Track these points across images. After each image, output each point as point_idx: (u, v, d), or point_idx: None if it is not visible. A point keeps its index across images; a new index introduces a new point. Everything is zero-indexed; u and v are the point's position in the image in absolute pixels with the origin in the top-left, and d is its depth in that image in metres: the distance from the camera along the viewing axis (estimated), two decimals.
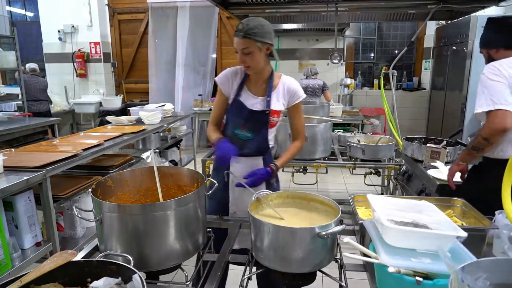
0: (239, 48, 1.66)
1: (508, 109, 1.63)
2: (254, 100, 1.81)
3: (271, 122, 1.82)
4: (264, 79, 1.82)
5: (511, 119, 1.62)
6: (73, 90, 6.99)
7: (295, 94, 1.84)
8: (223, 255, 1.40)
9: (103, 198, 1.37)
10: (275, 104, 1.81)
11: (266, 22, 1.68)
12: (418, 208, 1.19)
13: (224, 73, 1.86)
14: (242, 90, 1.83)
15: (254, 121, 1.81)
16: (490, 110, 1.65)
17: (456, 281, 0.77)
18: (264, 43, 1.66)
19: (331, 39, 6.45)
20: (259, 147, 1.87)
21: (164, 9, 6.66)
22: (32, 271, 0.95)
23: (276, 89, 1.83)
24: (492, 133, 1.67)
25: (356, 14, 3.82)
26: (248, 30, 1.62)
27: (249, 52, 1.65)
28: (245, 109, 1.79)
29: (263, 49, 1.69)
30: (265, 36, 1.66)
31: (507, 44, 1.82)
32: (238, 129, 1.83)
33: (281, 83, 1.84)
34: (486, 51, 1.93)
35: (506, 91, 1.65)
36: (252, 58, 1.67)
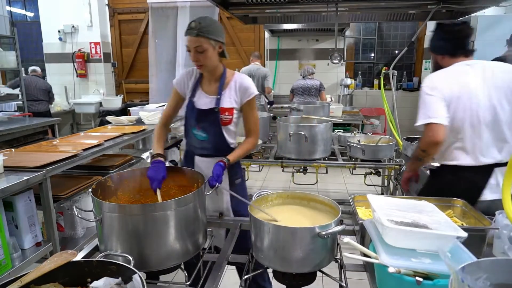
0: (192, 46, 1.67)
1: (440, 123, 1.67)
2: (206, 99, 1.82)
3: (223, 120, 1.80)
4: (217, 77, 1.83)
5: (442, 132, 1.67)
6: (73, 90, 6.99)
7: (247, 90, 1.83)
8: (223, 255, 1.40)
9: (103, 198, 1.37)
10: (226, 101, 1.81)
11: (218, 21, 1.73)
12: (418, 208, 1.19)
13: (181, 75, 1.90)
14: (196, 90, 1.85)
15: (205, 121, 1.81)
16: (425, 123, 1.70)
17: (456, 281, 0.77)
18: (216, 41, 1.69)
19: (331, 39, 6.45)
20: (217, 147, 1.85)
21: (164, 9, 6.66)
22: (32, 271, 0.95)
23: (228, 87, 1.83)
24: (427, 146, 1.72)
25: (356, 14, 3.82)
26: (202, 28, 1.63)
27: (202, 50, 1.67)
28: (195, 109, 1.81)
29: (216, 48, 1.71)
30: (218, 35, 1.69)
31: (452, 52, 1.82)
32: (195, 129, 1.85)
33: (233, 80, 1.84)
34: (434, 56, 1.93)
35: (440, 105, 1.69)
36: (205, 57, 1.69)
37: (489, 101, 1.69)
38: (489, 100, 1.69)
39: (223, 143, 1.86)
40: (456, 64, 1.79)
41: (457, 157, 1.75)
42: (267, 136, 3.57)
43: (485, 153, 1.70)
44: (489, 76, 1.71)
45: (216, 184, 1.58)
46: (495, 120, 1.70)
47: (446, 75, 1.77)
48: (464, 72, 1.75)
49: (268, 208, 1.42)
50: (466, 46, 1.81)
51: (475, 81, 1.71)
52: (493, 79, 1.71)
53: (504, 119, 1.70)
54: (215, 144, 1.85)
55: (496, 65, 1.78)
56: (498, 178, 1.70)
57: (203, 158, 1.89)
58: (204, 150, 1.88)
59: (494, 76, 1.72)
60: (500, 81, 1.70)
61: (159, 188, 1.48)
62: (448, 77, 1.75)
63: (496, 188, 1.69)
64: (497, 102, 1.69)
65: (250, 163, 3.19)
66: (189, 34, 1.65)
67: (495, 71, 1.73)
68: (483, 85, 1.70)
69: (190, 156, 1.94)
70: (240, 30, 6.71)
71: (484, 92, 1.70)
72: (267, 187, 4.94)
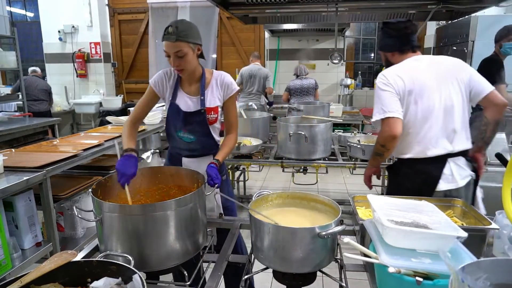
0: (171, 51, 1.64)
1: (396, 116, 1.73)
2: (189, 101, 1.82)
3: (210, 120, 1.82)
4: (197, 78, 1.83)
5: (399, 126, 1.72)
6: (73, 90, 6.99)
7: (229, 86, 1.85)
8: (223, 255, 1.40)
9: (103, 198, 1.37)
10: (210, 101, 1.82)
11: (194, 24, 1.70)
12: (418, 209, 1.19)
13: (159, 75, 1.85)
14: (177, 92, 1.83)
15: (193, 123, 1.81)
16: (382, 118, 1.76)
17: (456, 281, 0.77)
18: (195, 44, 1.69)
19: (331, 39, 6.45)
20: (204, 146, 1.88)
21: (164, 9, 6.66)
22: (32, 271, 0.95)
23: (210, 86, 1.84)
24: (385, 140, 1.78)
25: (356, 14, 3.82)
26: (180, 33, 1.61)
27: (182, 55, 1.65)
28: (181, 113, 1.80)
29: (195, 50, 1.71)
30: (196, 37, 1.68)
31: (400, 49, 1.90)
32: (181, 132, 1.84)
33: (214, 78, 1.85)
34: (383, 54, 2.00)
35: (395, 100, 1.75)
36: (186, 61, 1.68)
37: (439, 93, 1.75)
38: (438, 92, 1.75)
39: (211, 141, 1.88)
40: (406, 60, 1.86)
41: (410, 150, 1.80)
42: (267, 136, 3.57)
43: (436, 144, 1.75)
44: (437, 69, 1.78)
45: (217, 183, 1.58)
46: (445, 111, 1.75)
47: (398, 70, 1.81)
48: (414, 67, 1.81)
49: (268, 208, 1.42)
50: (412, 42, 1.89)
51: (424, 74, 1.77)
52: (441, 72, 1.78)
53: (453, 110, 1.75)
54: (203, 144, 1.87)
55: (442, 59, 1.85)
56: (452, 168, 1.74)
57: (191, 158, 1.89)
58: (192, 151, 1.88)
59: (442, 69, 1.78)
60: (447, 74, 1.77)
61: (128, 184, 1.43)
62: (400, 72, 1.79)
63: (451, 178, 1.74)
64: (446, 94, 1.75)
65: (250, 163, 3.19)
66: (168, 39, 1.62)
67: (442, 64, 1.81)
68: (432, 78, 1.76)
69: (175, 158, 1.93)
70: (240, 30, 6.71)
71: (433, 85, 1.75)
72: (267, 187, 4.94)
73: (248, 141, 3.21)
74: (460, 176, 1.75)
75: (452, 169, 1.74)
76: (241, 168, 3.87)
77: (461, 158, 1.78)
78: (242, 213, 3.54)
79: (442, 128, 1.75)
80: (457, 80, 1.76)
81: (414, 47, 1.89)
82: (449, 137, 1.76)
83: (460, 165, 1.77)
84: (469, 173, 1.78)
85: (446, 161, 1.75)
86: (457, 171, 1.75)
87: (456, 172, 1.74)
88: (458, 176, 1.74)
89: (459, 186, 1.75)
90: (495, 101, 1.75)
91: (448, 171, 1.74)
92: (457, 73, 1.77)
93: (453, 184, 1.74)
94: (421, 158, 1.76)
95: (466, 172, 1.78)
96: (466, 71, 1.79)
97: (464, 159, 1.78)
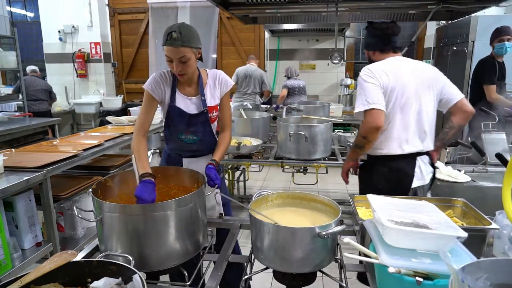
0: (175, 57, 1.62)
1: (380, 108, 1.79)
2: (189, 102, 1.81)
3: (211, 119, 1.84)
4: (194, 79, 1.82)
5: (382, 118, 1.80)
6: (73, 90, 6.99)
7: (226, 82, 1.87)
8: (224, 255, 1.40)
9: (103, 198, 1.37)
10: (210, 100, 1.83)
11: (193, 27, 1.69)
12: (419, 209, 1.19)
13: (154, 79, 1.78)
14: (175, 94, 1.80)
15: (196, 124, 1.81)
16: (366, 109, 1.81)
17: (457, 282, 0.77)
18: (197, 48, 1.69)
19: (331, 39, 6.45)
20: (207, 145, 1.89)
21: (165, 9, 6.66)
22: (33, 271, 0.95)
23: (207, 85, 1.84)
24: (368, 131, 1.82)
25: (356, 14, 3.82)
26: (184, 38, 1.59)
27: (186, 60, 1.64)
28: (185, 114, 1.78)
29: (196, 54, 1.71)
30: (197, 42, 1.68)
31: (381, 48, 1.98)
32: (183, 134, 1.83)
33: (210, 77, 1.86)
34: (367, 53, 2.09)
35: (379, 92, 1.82)
36: (188, 65, 1.67)
37: (417, 97, 1.85)
38: (417, 95, 1.85)
39: (213, 140, 1.89)
40: (388, 59, 1.94)
41: (386, 146, 1.87)
42: (267, 136, 3.57)
43: (409, 142, 1.85)
44: (418, 75, 1.87)
45: (217, 183, 1.58)
46: (419, 113, 1.85)
47: (384, 66, 1.89)
48: (397, 66, 1.90)
49: (268, 208, 1.42)
50: (393, 43, 1.98)
51: (408, 77, 1.86)
52: (422, 78, 1.87)
53: (426, 114, 1.87)
54: (206, 144, 1.87)
55: (423, 66, 1.95)
56: (420, 166, 1.86)
57: (192, 158, 1.88)
58: (193, 151, 1.88)
59: (423, 76, 1.88)
60: (427, 81, 1.87)
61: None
62: (385, 68, 1.88)
63: (421, 175, 1.86)
64: (423, 99, 1.86)
65: (250, 163, 3.19)
66: (172, 45, 1.59)
67: (424, 71, 1.91)
68: (414, 81, 1.86)
69: (174, 158, 1.92)
70: (240, 30, 6.71)
71: (414, 88, 1.85)
72: (267, 187, 4.94)
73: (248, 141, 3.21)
74: (426, 173, 1.88)
75: (421, 166, 1.86)
76: (241, 168, 3.87)
77: (426, 157, 1.91)
78: (242, 213, 3.54)
79: (416, 128, 1.85)
80: (433, 88, 1.88)
81: (394, 47, 1.98)
82: (421, 137, 1.87)
83: (425, 162, 1.89)
84: (431, 170, 1.91)
85: (416, 159, 1.86)
86: (424, 168, 1.88)
87: (423, 169, 1.87)
88: (425, 172, 1.87)
89: (426, 182, 1.87)
90: (464, 108, 1.87)
91: (418, 169, 1.85)
92: (434, 82, 1.88)
93: (422, 181, 1.86)
94: (396, 155, 1.84)
95: (430, 169, 1.91)
96: (440, 80, 1.91)
97: (428, 157, 1.91)
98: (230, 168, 3.82)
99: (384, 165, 1.89)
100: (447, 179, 2.13)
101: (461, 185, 2.09)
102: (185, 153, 1.89)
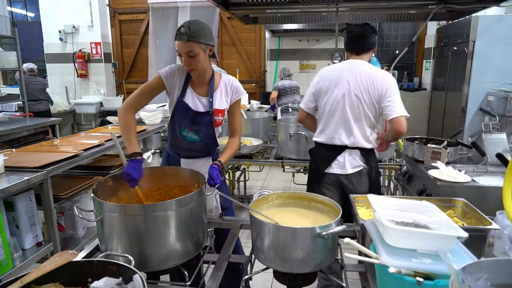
0: (183, 51, 1.65)
1: (302, 107, 2.26)
2: (198, 101, 1.82)
3: (216, 122, 1.84)
4: (207, 80, 1.83)
5: (303, 115, 2.27)
6: (74, 90, 7.00)
7: (238, 90, 1.89)
8: (224, 255, 1.40)
9: (104, 198, 1.37)
10: (218, 103, 1.83)
11: (206, 24, 1.71)
12: (419, 209, 1.19)
13: (171, 68, 1.82)
14: (186, 90, 1.82)
15: (199, 123, 1.81)
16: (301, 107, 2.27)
17: (457, 282, 0.77)
18: (207, 44, 1.69)
19: (331, 39, 6.45)
20: (207, 147, 1.89)
21: (165, 9, 6.66)
22: (33, 271, 0.95)
23: (218, 88, 1.85)
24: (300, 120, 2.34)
25: (357, 14, 3.81)
26: (192, 33, 1.62)
27: (194, 55, 1.66)
28: (190, 111, 1.79)
29: (207, 51, 1.71)
30: (207, 38, 1.68)
31: (348, 48, 2.20)
32: (185, 131, 1.83)
33: (222, 82, 1.87)
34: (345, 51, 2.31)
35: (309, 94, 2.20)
36: (197, 61, 1.68)
37: (350, 99, 2.05)
38: (348, 95, 2.05)
39: (213, 143, 1.89)
40: (346, 62, 2.18)
41: (320, 136, 2.19)
42: (267, 136, 3.57)
43: (337, 137, 2.11)
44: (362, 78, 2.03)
45: (218, 183, 1.58)
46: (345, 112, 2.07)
47: (328, 69, 2.19)
48: (341, 68, 2.12)
49: (268, 208, 1.42)
50: (356, 45, 2.15)
51: (344, 78, 2.06)
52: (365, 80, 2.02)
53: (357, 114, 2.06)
54: (206, 145, 1.87)
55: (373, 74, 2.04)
56: (346, 157, 2.11)
57: (190, 159, 1.88)
58: (192, 152, 1.88)
59: (367, 79, 2.02)
60: (370, 84, 2.02)
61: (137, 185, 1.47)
62: (327, 71, 2.17)
63: (343, 165, 2.11)
64: (355, 98, 2.04)
65: (251, 163, 3.19)
66: (180, 39, 1.63)
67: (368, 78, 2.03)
68: (349, 82, 2.05)
69: (173, 158, 1.93)
70: (241, 30, 6.71)
71: (347, 88, 2.05)
72: (267, 187, 4.94)
73: (249, 141, 3.21)
74: (350, 165, 2.10)
75: (346, 158, 2.11)
76: (241, 168, 3.87)
77: (357, 152, 2.11)
78: (243, 213, 3.54)
79: (342, 126, 2.09)
80: (371, 96, 2.02)
81: (358, 50, 2.14)
82: (347, 134, 2.10)
83: (354, 156, 2.11)
84: (360, 164, 2.11)
85: (343, 151, 2.11)
86: (349, 161, 2.11)
87: (347, 161, 2.11)
88: (348, 164, 2.10)
89: (347, 173, 2.11)
90: (395, 127, 1.99)
91: (341, 159, 2.12)
92: (376, 90, 2.01)
93: (343, 170, 2.11)
94: (326, 144, 2.15)
95: (357, 163, 2.11)
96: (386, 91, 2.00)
97: (360, 153, 2.11)
98: (230, 168, 3.82)
99: (317, 150, 2.25)
100: (448, 179, 2.12)
101: (461, 185, 2.09)
102: (184, 153, 1.89)
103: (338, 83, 2.06)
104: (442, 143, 2.55)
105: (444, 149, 2.37)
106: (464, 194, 1.75)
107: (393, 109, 1.98)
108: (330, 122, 2.11)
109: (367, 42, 2.12)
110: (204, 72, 1.79)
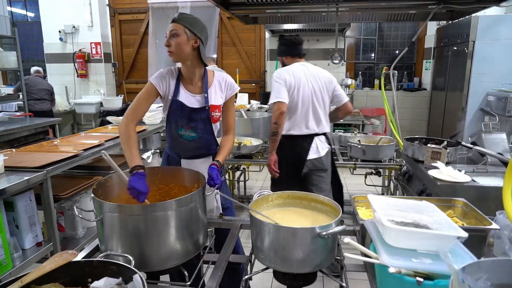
0: (169, 31, 1.71)
1: (283, 101, 2.44)
2: (192, 99, 1.82)
3: (214, 118, 1.83)
4: (199, 77, 1.83)
5: (285, 107, 2.45)
6: (73, 90, 6.99)
7: (232, 86, 1.90)
8: (224, 255, 1.40)
9: (103, 198, 1.37)
10: (214, 99, 1.83)
11: (202, 22, 1.77)
12: (419, 209, 1.19)
13: (160, 73, 1.81)
14: (179, 89, 1.81)
15: (196, 120, 1.80)
16: (274, 102, 2.46)
17: (457, 282, 0.77)
18: (192, 32, 1.70)
19: (331, 39, 6.44)
20: (206, 145, 1.87)
21: (165, 10, 6.66)
22: (33, 271, 0.95)
23: (213, 85, 1.85)
24: (277, 117, 2.44)
25: (357, 14, 3.82)
26: (181, 17, 1.71)
27: (175, 34, 1.69)
28: (186, 108, 1.79)
29: (191, 40, 1.71)
30: (195, 28, 1.71)
31: (291, 54, 2.63)
32: (182, 130, 1.82)
33: (216, 78, 1.87)
34: (280, 58, 2.72)
35: (284, 90, 2.46)
36: (176, 42, 1.69)
37: (313, 91, 2.50)
38: (313, 89, 2.50)
39: (212, 140, 1.88)
40: (295, 64, 2.58)
41: (292, 129, 2.53)
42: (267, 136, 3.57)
43: (308, 126, 2.53)
44: (315, 75, 2.54)
45: (218, 183, 1.58)
46: (315, 105, 2.51)
47: (289, 70, 2.53)
48: (299, 69, 2.53)
49: (268, 208, 1.42)
50: (298, 51, 2.63)
51: (306, 76, 2.51)
52: (317, 76, 2.54)
53: (320, 107, 2.53)
54: (205, 142, 1.86)
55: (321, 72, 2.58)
56: (316, 143, 2.54)
57: (190, 160, 1.87)
58: (192, 151, 1.87)
59: (318, 75, 2.54)
60: (322, 79, 2.54)
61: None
62: (290, 71, 2.52)
63: (316, 150, 2.54)
64: (318, 93, 2.52)
65: (251, 163, 3.19)
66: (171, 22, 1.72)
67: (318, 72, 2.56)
68: (310, 79, 2.51)
69: (173, 160, 1.92)
70: (241, 30, 6.70)
71: (311, 84, 2.51)
72: (267, 187, 4.92)
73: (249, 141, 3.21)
74: (321, 148, 2.55)
75: (317, 144, 2.55)
76: (241, 168, 3.87)
77: (322, 137, 2.59)
78: (243, 213, 3.54)
79: (313, 116, 2.52)
80: (326, 89, 2.55)
81: (300, 54, 2.63)
82: (317, 123, 2.55)
83: (322, 141, 2.58)
84: (326, 146, 2.60)
85: (314, 138, 2.54)
86: (320, 145, 2.56)
87: (319, 146, 2.55)
88: (320, 148, 2.55)
89: (321, 155, 2.54)
90: (347, 109, 2.64)
91: (314, 145, 2.54)
92: (327, 84, 2.56)
93: (317, 154, 2.53)
94: (299, 135, 2.52)
95: (325, 145, 2.59)
96: (333, 83, 2.59)
97: (324, 137, 2.60)
98: (230, 168, 3.82)
99: (290, 142, 2.54)
100: (448, 179, 2.12)
101: (461, 185, 2.09)
102: (184, 153, 1.89)
103: (301, 83, 2.48)
104: (442, 143, 2.55)
105: (444, 149, 2.37)
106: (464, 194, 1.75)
107: (343, 96, 2.61)
108: (302, 115, 2.50)
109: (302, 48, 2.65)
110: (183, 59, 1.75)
